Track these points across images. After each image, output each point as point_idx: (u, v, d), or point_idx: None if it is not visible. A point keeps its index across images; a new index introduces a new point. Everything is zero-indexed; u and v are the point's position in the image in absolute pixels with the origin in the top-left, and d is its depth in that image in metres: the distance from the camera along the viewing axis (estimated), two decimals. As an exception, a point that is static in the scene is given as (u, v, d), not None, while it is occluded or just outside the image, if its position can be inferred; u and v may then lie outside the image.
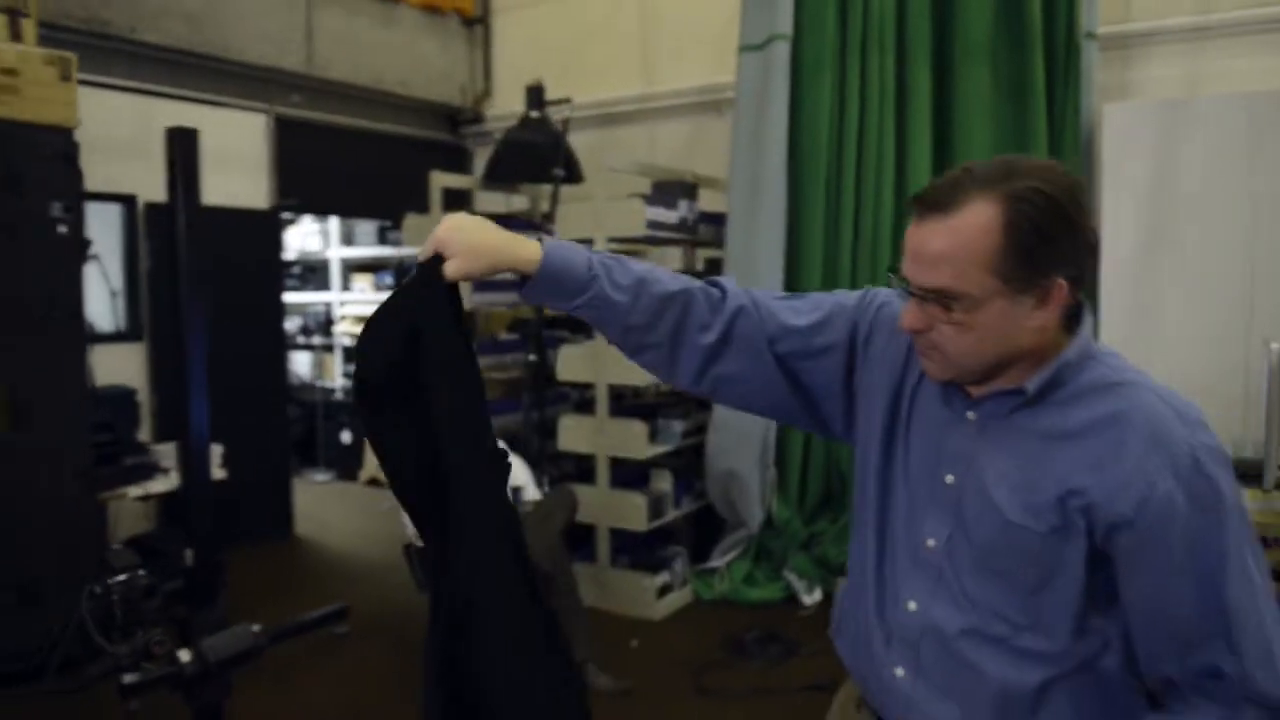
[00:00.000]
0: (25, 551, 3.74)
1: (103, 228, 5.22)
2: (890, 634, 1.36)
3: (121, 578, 3.99)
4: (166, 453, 4.71)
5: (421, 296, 1.34)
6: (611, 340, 1.46)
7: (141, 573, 3.89)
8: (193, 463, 4.02)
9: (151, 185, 5.47)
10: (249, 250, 5.91)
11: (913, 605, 1.34)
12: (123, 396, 5.11)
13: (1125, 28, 4.81)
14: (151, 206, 5.40)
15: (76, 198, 3.98)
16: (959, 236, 1.17)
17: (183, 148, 3.69)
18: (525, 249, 1.35)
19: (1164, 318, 4.21)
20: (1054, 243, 1.18)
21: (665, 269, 1.48)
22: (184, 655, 1.89)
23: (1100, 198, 4.29)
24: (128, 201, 5.44)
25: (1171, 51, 4.77)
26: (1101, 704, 1.26)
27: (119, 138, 5.26)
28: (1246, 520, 1.19)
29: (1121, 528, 1.17)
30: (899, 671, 1.35)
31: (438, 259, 1.33)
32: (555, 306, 1.41)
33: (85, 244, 4.20)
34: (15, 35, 3.97)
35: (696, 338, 1.43)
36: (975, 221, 1.17)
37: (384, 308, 1.38)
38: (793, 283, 4.93)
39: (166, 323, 5.27)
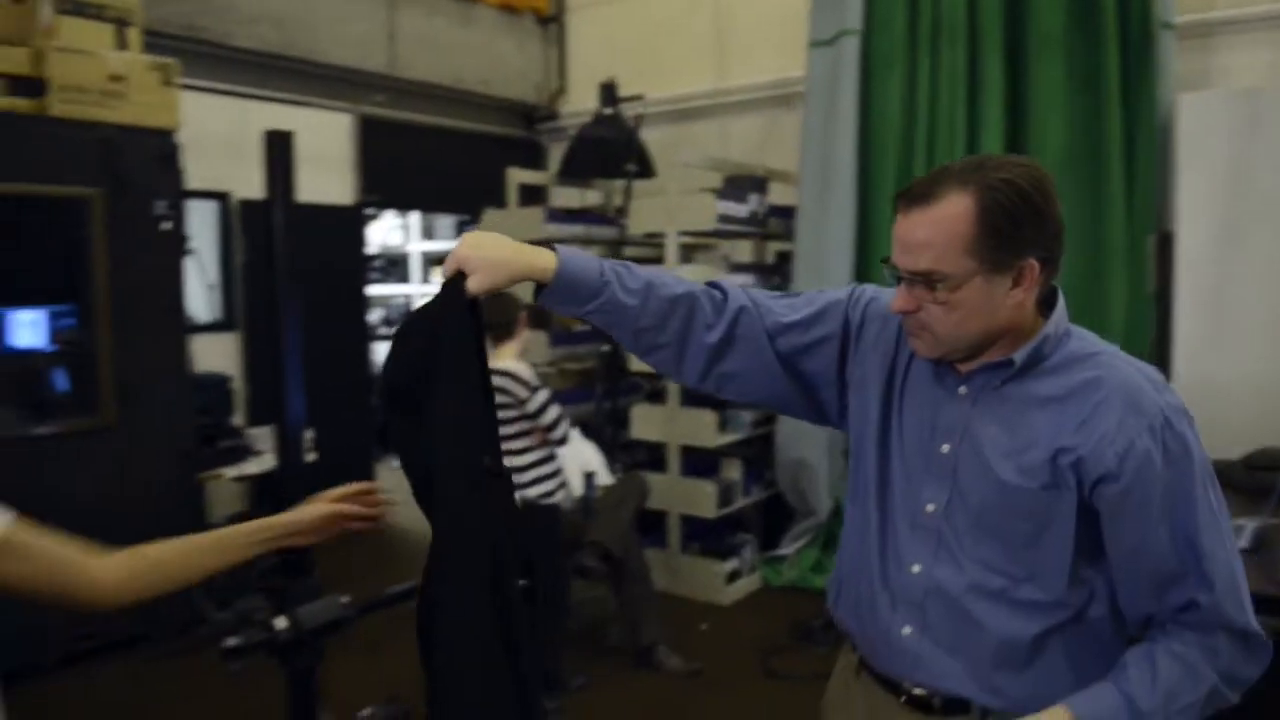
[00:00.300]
0: (134, 525, 4.00)
1: (199, 224, 5.50)
2: (895, 596, 1.46)
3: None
4: (259, 436, 4.97)
5: (445, 311, 1.41)
6: (622, 341, 1.56)
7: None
8: (289, 446, 4.22)
9: (244, 183, 5.76)
10: (335, 245, 6.16)
11: (916, 568, 1.44)
12: (218, 383, 5.38)
13: (1203, 16, 4.73)
14: (245, 203, 5.67)
15: (178, 196, 4.24)
16: (939, 224, 1.31)
17: (279, 149, 3.89)
18: (541, 259, 1.44)
19: (1238, 312, 4.14)
20: (1023, 227, 1.32)
21: (670, 273, 1.58)
22: (280, 623, 2.04)
23: (1176, 190, 4.24)
24: (222, 199, 5.71)
25: (1251, 40, 4.68)
26: (1092, 653, 1.38)
27: (213, 138, 5.52)
28: (1209, 470, 1.35)
29: (1107, 480, 1.31)
30: (906, 630, 1.45)
31: (460, 275, 1.42)
32: (570, 312, 1.51)
33: (184, 239, 4.45)
34: (122, 44, 4.23)
35: (702, 337, 1.53)
36: (953, 211, 1.30)
37: (411, 320, 1.47)
38: (862, 275, 4.97)
39: (259, 314, 5.53)
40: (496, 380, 3.69)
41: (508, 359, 3.75)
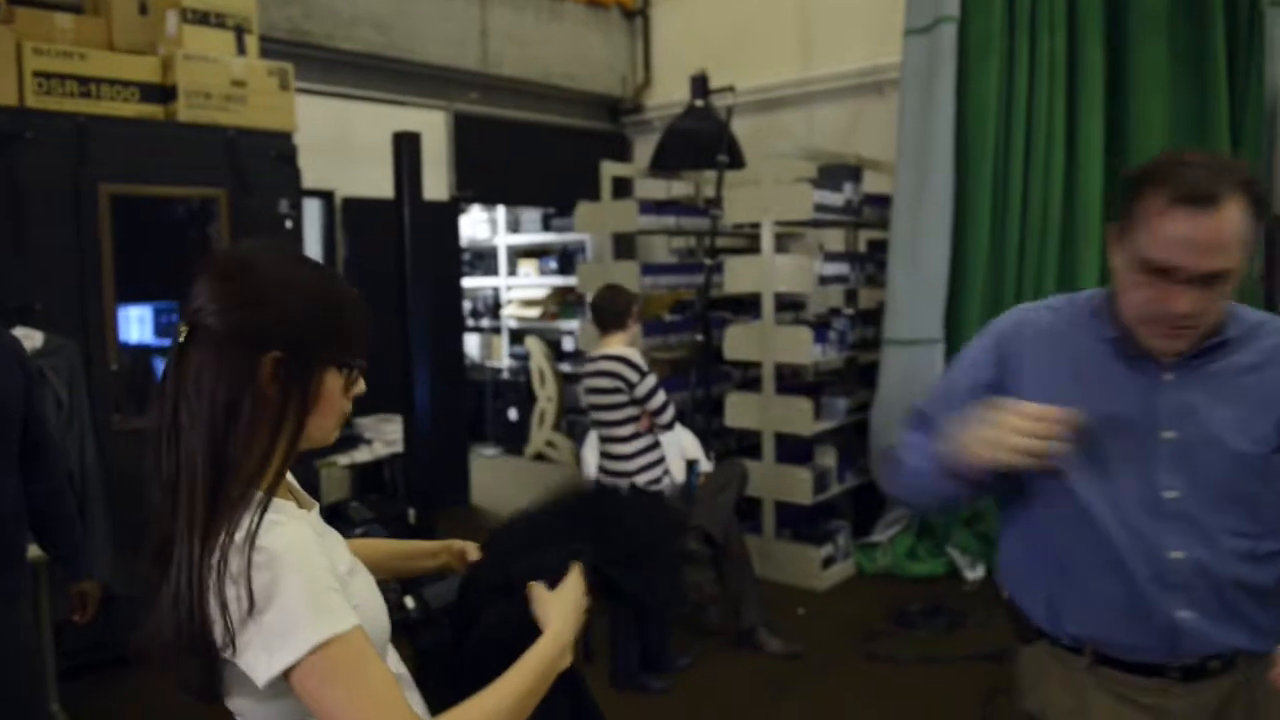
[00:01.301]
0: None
1: (306, 222, 5.72)
2: (1163, 584, 1.52)
3: (359, 530, 4.45)
4: (367, 425, 5.17)
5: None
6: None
7: (377, 526, 4.34)
8: (416, 433, 4.39)
9: (346, 181, 5.98)
10: (431, 239, 6.33)
11: (1177, 554, 1.51)
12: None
13: (1314, -8, 4.63)
14: (348, 201, 5.88)
15: (298, 195, 4.43)
16: (1231, 225, 1.40)
17: (407, 150, 4.05)
18: None
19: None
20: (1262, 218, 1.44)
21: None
22: (409, 602, 2.16)
23: (1285, 172, 4.18)
24: (327, 197, 5.93)
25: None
26: None
27: (316, 138, 5.73)
28: None
29: None
30: (1183, 614, 1.52)
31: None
32: None
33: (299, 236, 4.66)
34: (241, 50, 4.43)
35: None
36: (1236, 212, 1.40)
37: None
38: (959, 264, 4.97)
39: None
40: (607, 365, 3.81)
41: (618, 346, 3.86)
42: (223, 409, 1.05)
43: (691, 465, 4.21)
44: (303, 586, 1.01)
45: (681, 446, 4.32)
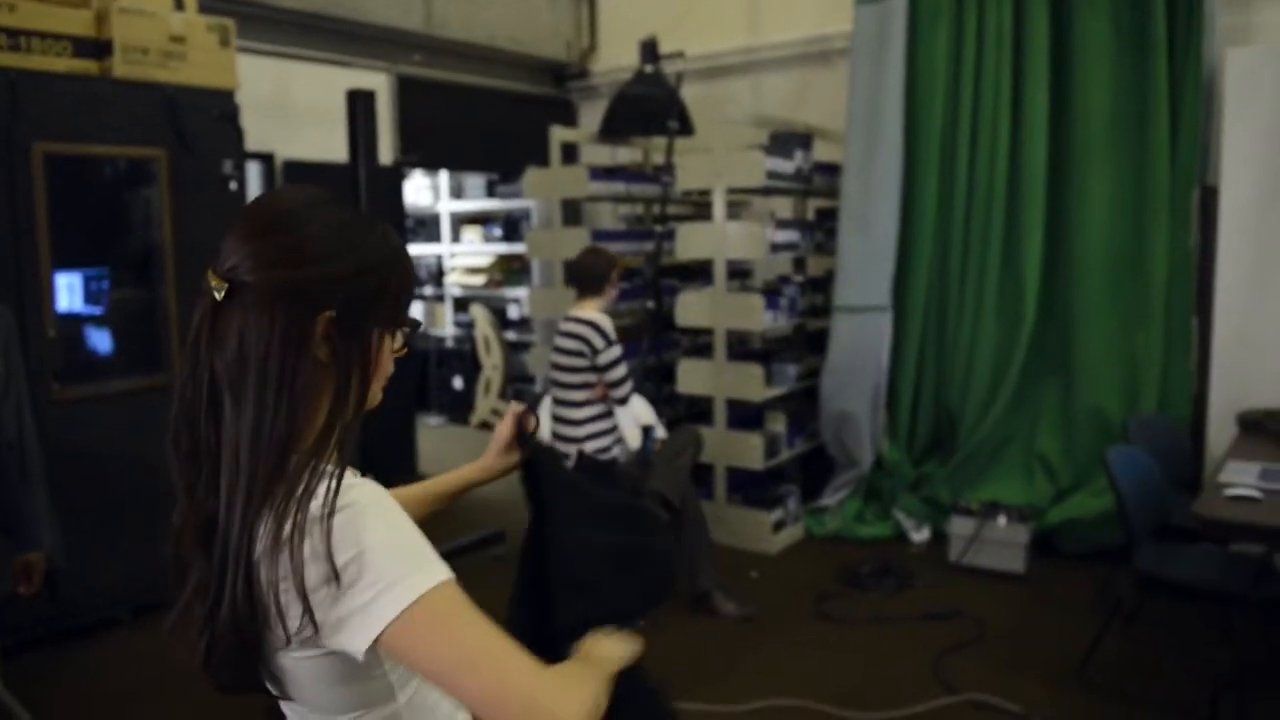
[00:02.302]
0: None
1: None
2: None
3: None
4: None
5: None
6: None
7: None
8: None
9: (287, 143, 5.82)
10: (375, 205, 6.21)
11: None
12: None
13: (1250, -31, 4.76)
14: (289, 164, 5.73)
15: (241, 156, 4.29)
16: None
17: (362, 109, 3.94)
18: None
19: (1282, 265, 4.22)
20: None
21: None
22: None
23: (1221, 145, 4.29)
24: (266, 159, 5.77)
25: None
26: None
27: (257, 99, 5.56)
28: None
29: None
30: None
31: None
32: None
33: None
34: (179, 5, 4.27)
35: None
36: None
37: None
38: (907, 232, 5.04)
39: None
40: (575, 328, 3.79)
41: (590, 310, 3.83)
42: (275, 375, 0.96)
43: (647, 431, 4.22)
44: (393, 541, 0.94)
45: (635, 413, 4.33)
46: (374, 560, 0.92)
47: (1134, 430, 3.96)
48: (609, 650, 1.22)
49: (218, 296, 0.98)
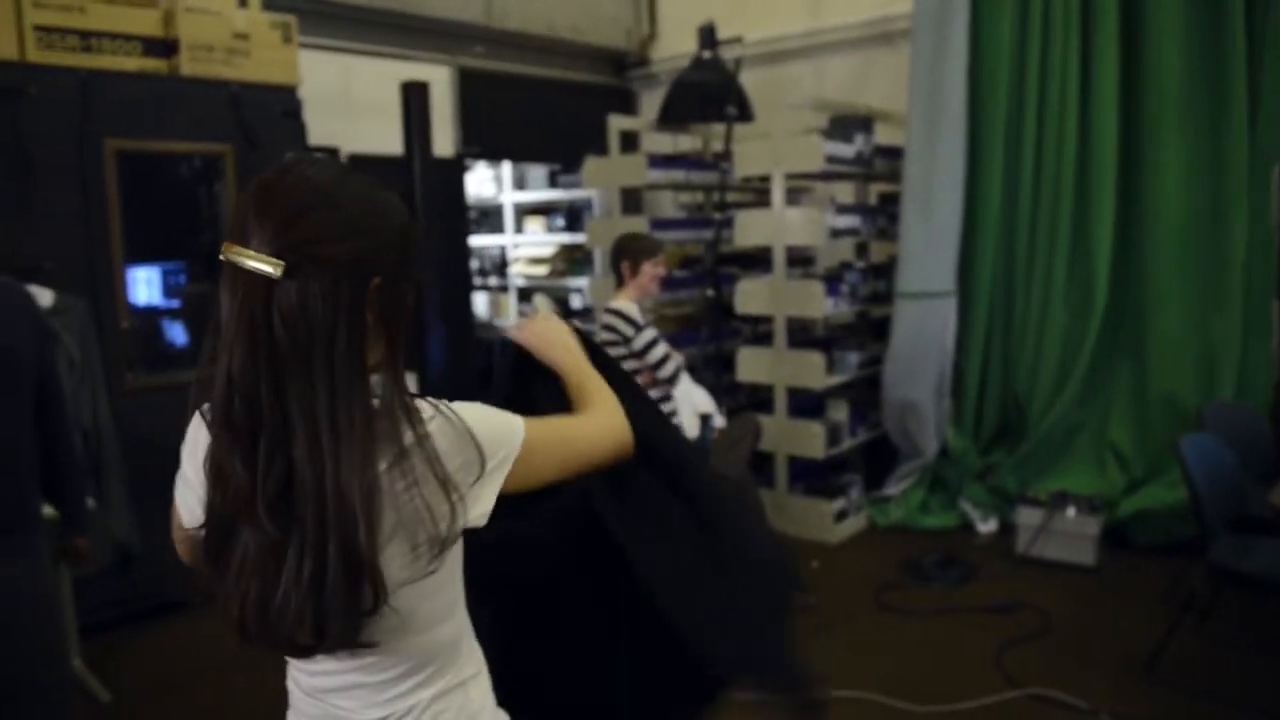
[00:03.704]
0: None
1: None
2: None
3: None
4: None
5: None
6: None
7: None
8: (430, 390, 4.35)
9: (349, 138, 5.90)
10: (434, 197, 6.28)
11: None
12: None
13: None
14: (353, 158, 5.81)
15: (304, 149, 4.38)
16: None
17: (416, 101, 3.98)
18: None
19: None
20: None
21: None
22: None
23: (1305, 116, 4.11)
24: (331, 154, 5.86)
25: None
26: None
27: (320, 94, 5.66)
28: None
29: None
30: None
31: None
32: None
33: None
34: (242, 2, 4.36)
35: None
36: None
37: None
38: (972, 215, 4.92)
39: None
40: (605, 319, 3.78)
41: (620, 300, 3.82)
42: (344, 341, 1.02)
43: (705, 420, 4.20)
44: (483, 414, 1.15)
45: (694, 402, 4.31)
46: (485, 431, 1.12)
47: (1210, 418, 3.82)
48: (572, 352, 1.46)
49: (273, 274, 1.00)
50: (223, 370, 1.02)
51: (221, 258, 1.04)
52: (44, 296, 3.34)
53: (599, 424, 1.32)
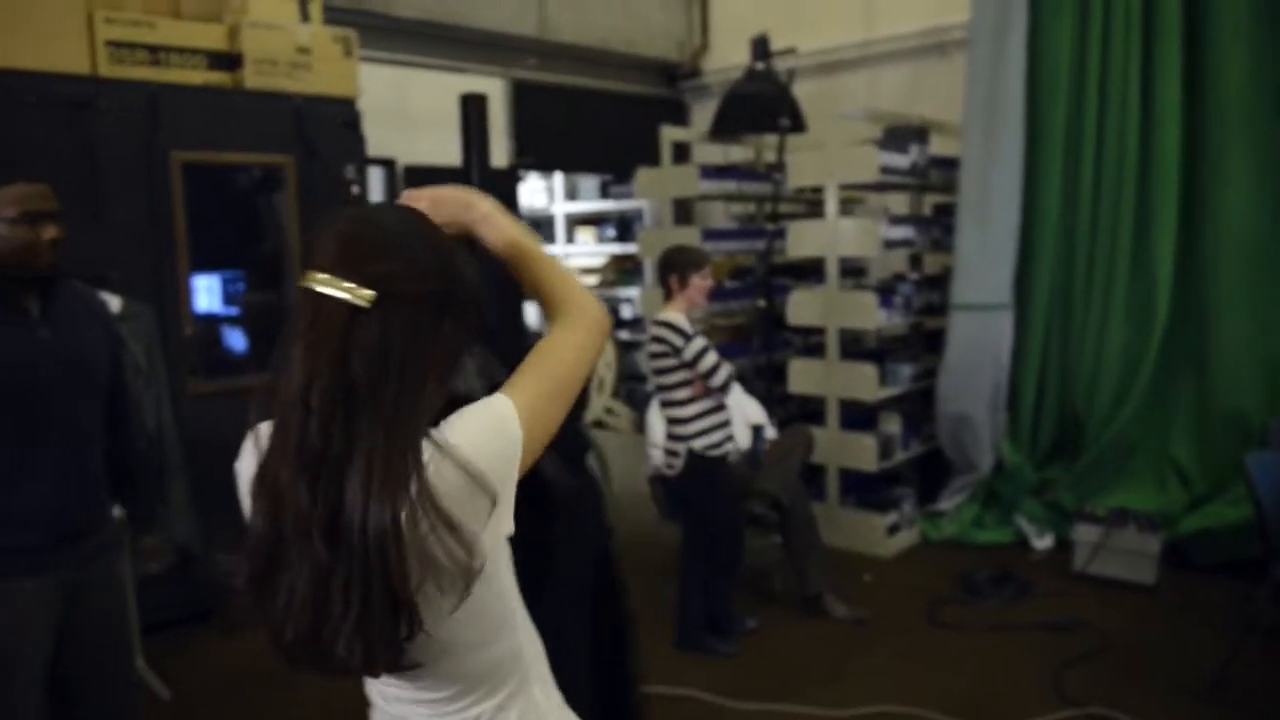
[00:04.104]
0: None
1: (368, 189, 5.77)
2: None
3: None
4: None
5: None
6: None
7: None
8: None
9: (406, 149, 6.00)
10: (491, 207, 6.35)
11: None
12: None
13: None
14: (409, 169, 5.89)
15: (363, 161, 4.45)
16: None
17: (475, 112, 4.03)
18: None
19: None
20: None
21: None
22: None
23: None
24: (388, 165, 5.96)
25: None
26: None
27: (377, 106, 5.75)
28: None
29: None
30: None
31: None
32: None
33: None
34: (304, 17, 4.45)
35: None
36: None
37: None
38: (1029, 227, 4.86)
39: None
40: (654, 330, 3.78)
41: (669, 312, 3.82)
42: (415, 374, 1.04)
43: (757, 430, 4.19)
44: (474, 433, 1.08)
45: (745, 412, 4.30)
46: (485, 459, 1.07)
47: (1276, 434, 3.72)
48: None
49: (363, 304, 1.02)
50: (299, 397, 1.03)
51: (303, 286, 1.05)
52: (113, 303, 3.43)
53: (577, 326, 1.23)
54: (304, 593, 1.03)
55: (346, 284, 1.03)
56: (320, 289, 1.04)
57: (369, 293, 1.03)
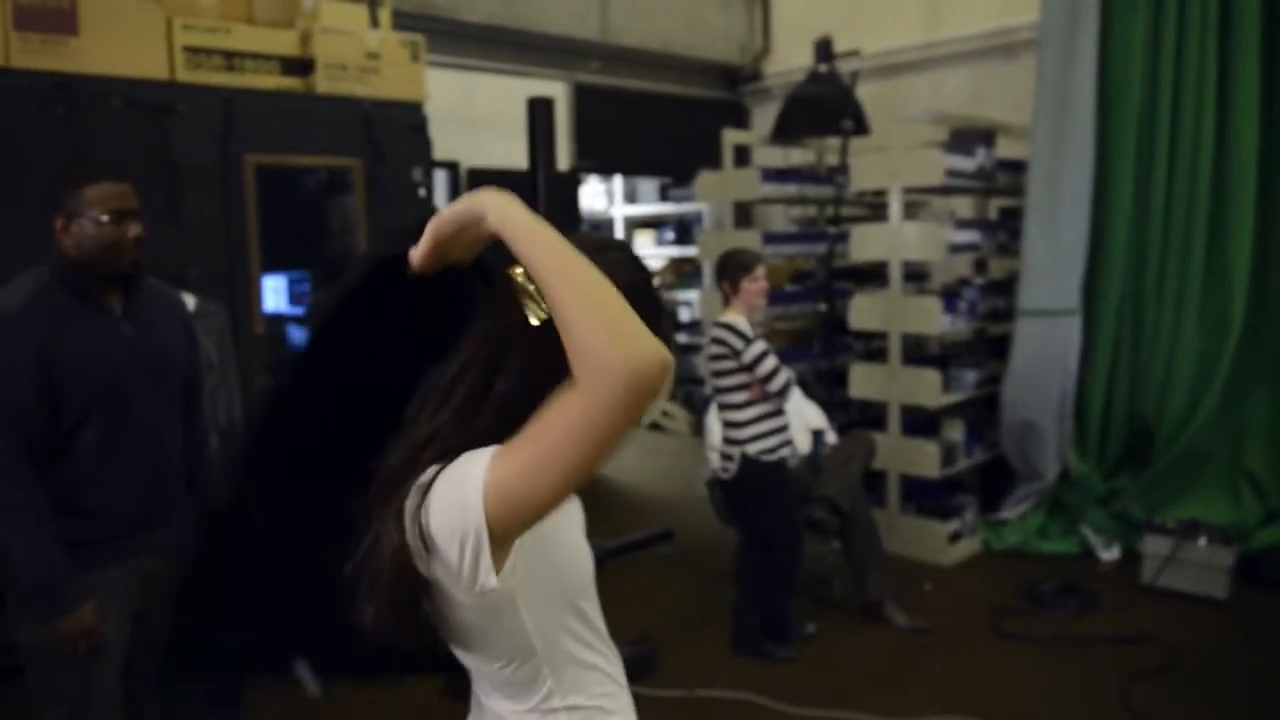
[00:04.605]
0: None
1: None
2: None
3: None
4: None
5: None
6: None
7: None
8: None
9: (470, 152, 6.08)
10: (553, 211, 6.40)
11: None
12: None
13: None
14: (473, 171, 5.97)
15: (429, 164, 4.52)
16: None
17: (541, 116, 4.07)
18: None
19: None
20: None
21: None
22: None
23: None
24: (452, 168, 6.04)
25: None
26: None
27: (442, 109, 5.83)
28: None
29: None
30: None
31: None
32: None
33: (432, 204, 4.76)
34: (374, 22, 4.53)
35: None
36: None
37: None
38: (1099, 231, 4.76)
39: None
40: (714, 333, 3.77)
41: (729, 314, 3.81)
42: (526, 409, 0.98)
43: (817, 435, 4.17)
44: (441, 497, 1.01)
45: (805, 417, 4.28)
46: (439, 527, 1.00)
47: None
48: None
49: (537, 321, 1.02)
50: (448, 382, 1.07)
51: (512, 275, 1.04)
52: (188, 301, 3.52)
53: (594, 385, 0.91)
54: (379, 558, 1.05)
55: (539, 295, 1.00)
56: (523, 284, 1.02)
57: (546, 314, 0.99)
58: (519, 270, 1.03)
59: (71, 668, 2.03)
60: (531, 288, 1.02)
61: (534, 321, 1.02)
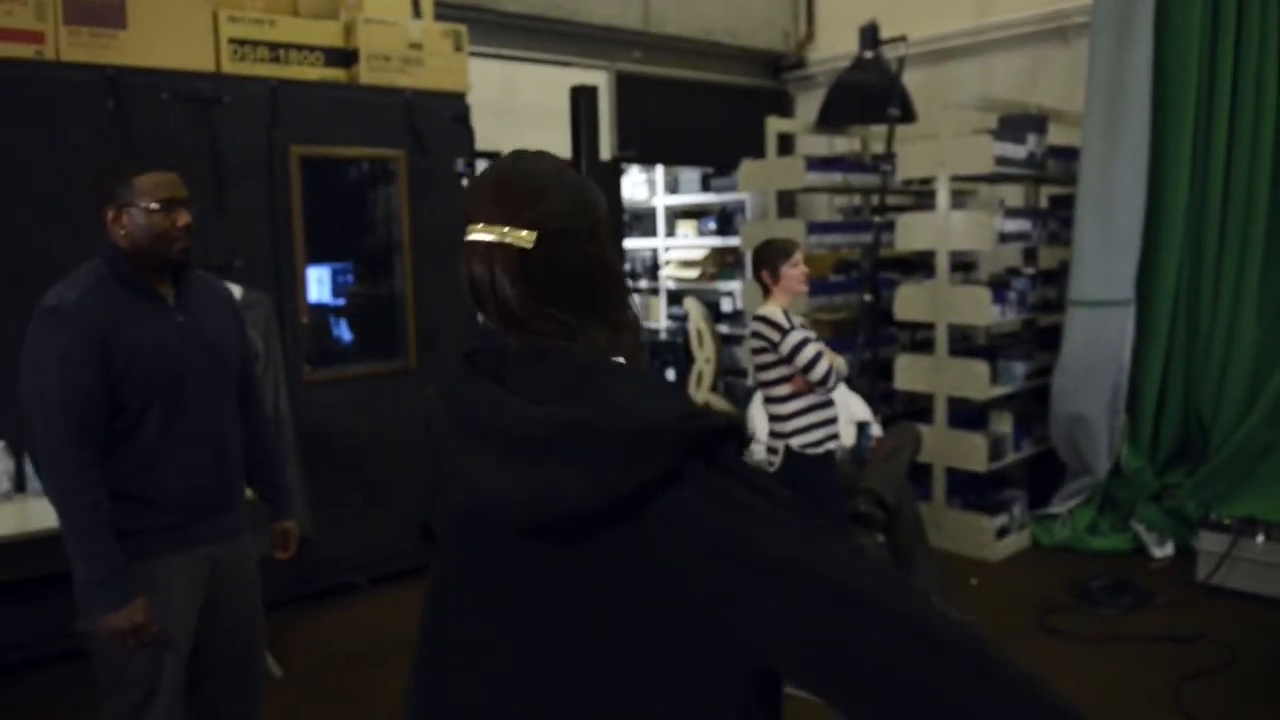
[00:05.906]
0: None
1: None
2: None
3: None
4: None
5: None
6: None
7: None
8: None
9: (511, 142, 6.03)
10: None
11: None
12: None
13: None
14: (515, 161, 5.96)
15: (472, 155, 4.52)
16: None
17: (585, 104, 4.05)
18: None
19: None
20: None
21: None
22: None
23: None
24: (494, 158, 6.02)
25: None
26: None
27: (483, 99, 5.83)
28: None
29: None
30: None
31: None
32: None
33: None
34: (417, 13, 4.53)
35: None
36: None
37: None
38: (1154, 220, 4.64)
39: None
40: (754, 326, 3.72)
41: (766, 306, 3.76)
42: (592, 286, 1.09)
43: (862, 427, 4.11)
44: None
45: (850, 409, 4.22)
46: None
47: None
48: None
49: (527, 245, 1.06)
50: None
51: (469, 238, 1.08)
52: (234, 291, 3.55)
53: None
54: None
55: (504, 228, 1.06)
56: (482, 237, 1.06)
57: (528, 233, 1.05)
58: None
59: (138, 657, 2.05)
60: None
61: None
